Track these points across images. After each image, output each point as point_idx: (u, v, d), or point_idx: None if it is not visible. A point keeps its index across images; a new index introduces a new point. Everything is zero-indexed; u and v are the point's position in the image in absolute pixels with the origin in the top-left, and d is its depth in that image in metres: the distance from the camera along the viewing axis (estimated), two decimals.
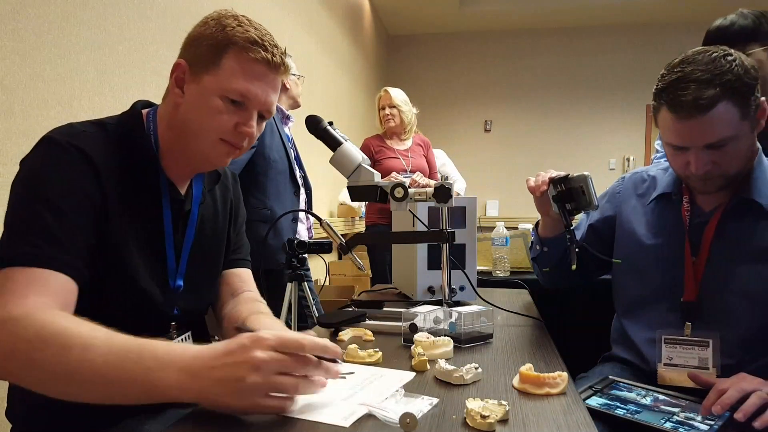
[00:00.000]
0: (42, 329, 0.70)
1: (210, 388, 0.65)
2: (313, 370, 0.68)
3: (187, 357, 0.67)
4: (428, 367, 0.91)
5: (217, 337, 1.23)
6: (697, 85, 1.05)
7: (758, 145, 1.18)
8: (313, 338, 0.69)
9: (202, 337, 1.10)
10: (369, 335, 1.15)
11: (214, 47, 0.91)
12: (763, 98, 1.11)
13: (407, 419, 0.62)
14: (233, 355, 0.65)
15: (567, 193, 1.25)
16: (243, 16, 0.96)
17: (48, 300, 0.76)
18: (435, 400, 0.75)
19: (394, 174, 3.13)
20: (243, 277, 1.16)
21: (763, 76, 1.51)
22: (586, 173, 1.20)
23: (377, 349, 0.97)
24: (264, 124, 1.00)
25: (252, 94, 0.92)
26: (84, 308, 0.84)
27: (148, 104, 1.02)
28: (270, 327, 0.90)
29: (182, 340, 1.03)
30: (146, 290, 0.94)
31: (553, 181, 1.27)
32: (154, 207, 0.96)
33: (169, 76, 0.96)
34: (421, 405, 0.72)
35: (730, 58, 1.07)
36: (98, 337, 0.69)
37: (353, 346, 0.98)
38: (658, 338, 1.17)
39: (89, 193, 0.85)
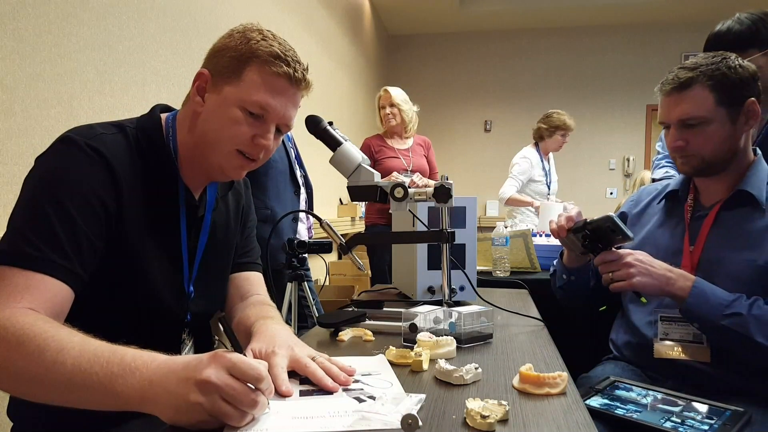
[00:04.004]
0: (20, 331, 0.70)
1: (159, 399, 0.63)
2: (256, 409, 0.64)
3: (153, 365, 0.65)
4: (425, 367, 0.91)
5: (217, 338, 1.23)
6: (682, 68, 1.23)
7: (759, 151, 1.29)
8: (270, 381, 0.67)
9: (205, 340, 1.10)
10: (369, 335, 1.15)
11: (237, 59, 0.92)
12: (752, 99, 1.20)
13: (409, 420, 0.62)
14: (187, 370, 0.63)
15: (594, 235, 1.24)
16: (268, 30, 0.96)
17: (40, 306, 0.76)
18: (422, 396, 0.75)
19: (394, 174, 3.12)
20: (252, 281, 1.16)
21: (763, 80, 1.53)
22: (609, 214, 1.20)
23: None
24: (281, 139, 1.00)
25: (271, 108, 0.92)
26: (97, 312, 0.85)
27: (166, 108, 1.02)
28: (276, 333, 0.89)
29: (191, 346, 1.03)
30: (161, 296, 0.94)
31: (573, 230, 1.27)
32: (170, 213, 0.96)
33: (192, 84, 0.96)
34: (410, 403, 0.72)
35: (721, 56, 1.21)
36: (73, 341, 0.69)
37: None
38: (655, 316, 1.25)
39: (102, 198, 0.85)
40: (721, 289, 1.14)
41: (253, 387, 0.64)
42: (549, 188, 3.88)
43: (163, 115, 0.99)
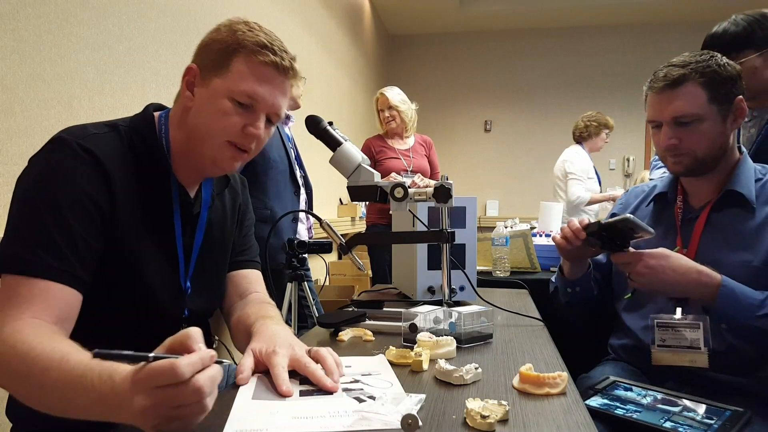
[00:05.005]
0: (12, 348, 0.71)
1: (133, 423, 0.60)
2: (207, 390, 0.60)
3: (111, 394, 0.61)
4: (425, 367, 0.91)
5: (217, 338, 1.23)
6: (672, 66, 1.23)
7: (744, 149, 1.29)
8: (188, 358, 0.59)
9: (205, 339, 1.10)
10: (369, 335, 1.15)
11: (224, 51, 0.92)
12: (740, 97, 1.21)
13: (409, 420, 0.62)
14: (124, 402, 0.59)
15: (609, 236, 1.23)
16: (254, 22, 0.97)
17: (46, 314, 0.77)
18: (422, 396, 0.75)
19: (393, 174, 3.12)
20: (250, 279, 1.16)
21: (759, 81, 1.54)
22: (627, 215, 1.17)
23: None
24: (272, 129, 1.01)
25: (259, 96, 0.93)
26: (96, 312, 0.85)
27: (159, 107, 1.03)
28: (277, 333, 0.89)
29: None
30: (157, 293, 0.94)
31: (591, 232, 1.25)
32: (165, 210, 0.96)
33: (181, 80, 0.97)
34: (410, 403, 0.72)
35: (709, 55, 1.21)
36: (54, 359, 0.68)
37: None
38: (651, 322, 1.23)
39: (96, 199, 0.85)
40: (749, 288, 1.12)
41: (188, 377, 0.58)
42: (600, 185, 3.89)
43: (156, 113, 1.00)
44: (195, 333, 0.65)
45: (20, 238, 0.81)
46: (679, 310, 1.21)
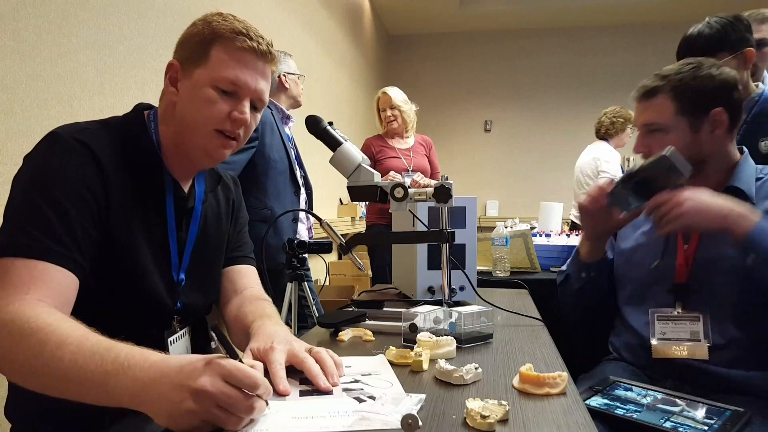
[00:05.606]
0: (25, 324, 0.71)
1: (152, 402, 0.63)
2: (255, 413, 0.64)
3: (145, 365, 0.65)
4: (425, 367, 0.91)
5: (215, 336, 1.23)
6: (654, 77, 1.27)
7: (745, 149, 1.31)
8: (267, 383, 0.65)
9: (202, 335, 1.11)
10: (369, 335, 1.15)
11: (202, 42, 0.94)
12: (720, 108, 1.21)
13: (409, 420, 0.62)
14: (181, 375, 0.62)
15: (646, 182, 1.18)
16: (229, 13, 0.98)
17: (47, 296, 0.77)
18: (422, 396, 0.75)
19: (392, 173, 3.11)
20: (246, 274, 1.17)
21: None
22: (663, 153, 1.11)
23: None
24: (259, 116, 1.02)
25: (242, 82, 0.94)
26: (90, 301, 0.86)
27: (149, 107, 1.04)
28: (274, 334, 0.89)
29: (182, 335, 1.04)
30: (150, 283, 0.95)
31: (622, 183, 1.23)
32: (157, 202, 0.98)
33: (164, 77, 0.99)
34: (410, 403, 0.72)
35: (692, 66, 1.23)
36: (72, 335, 0.70)
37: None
38: (651, 316, 1.25)
39: (92, 189, 0.87)
40: None
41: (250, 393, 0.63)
42: None
43: (146, 112, 1.02)
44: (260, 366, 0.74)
45: (18, 225, 0.81)
46: (679, 303, 1.23)
